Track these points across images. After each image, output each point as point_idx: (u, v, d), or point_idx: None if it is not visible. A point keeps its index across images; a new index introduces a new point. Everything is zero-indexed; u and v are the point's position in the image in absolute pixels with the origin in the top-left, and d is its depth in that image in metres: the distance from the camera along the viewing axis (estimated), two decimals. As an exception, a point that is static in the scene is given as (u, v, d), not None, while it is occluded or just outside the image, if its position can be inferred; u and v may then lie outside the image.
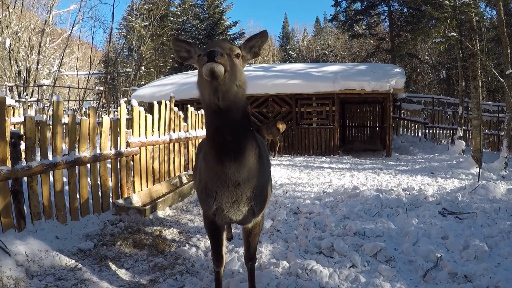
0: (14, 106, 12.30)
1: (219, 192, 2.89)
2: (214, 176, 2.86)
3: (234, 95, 2.59)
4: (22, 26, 26.81)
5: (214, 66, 2.34)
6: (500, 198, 6.89)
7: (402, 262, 4.22)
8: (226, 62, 2.41)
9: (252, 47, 2.90)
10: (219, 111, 2.60)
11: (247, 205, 2.95)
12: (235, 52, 2.66)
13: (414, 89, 32.83)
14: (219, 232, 3.33)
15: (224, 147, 2.70)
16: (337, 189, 8.22)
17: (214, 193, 2.92)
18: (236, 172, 2.76)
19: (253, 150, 2.83)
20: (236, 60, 2.66)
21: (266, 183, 3.13)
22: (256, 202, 2.99)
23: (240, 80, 2.64)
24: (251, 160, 2.81)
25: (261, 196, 3.02)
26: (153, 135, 7.21)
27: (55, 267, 4.02)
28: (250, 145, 2.79)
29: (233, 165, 2.73)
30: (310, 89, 15.60)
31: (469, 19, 12.10)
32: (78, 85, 29.41)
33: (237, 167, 2.75)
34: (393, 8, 27.54)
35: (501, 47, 13.54)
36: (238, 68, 2.64)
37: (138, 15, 34.68)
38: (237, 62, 2.65)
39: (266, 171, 3.15)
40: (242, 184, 2.82)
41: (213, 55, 2.34)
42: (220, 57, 2.35)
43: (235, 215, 3.00)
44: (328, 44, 54.37)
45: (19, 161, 4.41)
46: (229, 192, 2.85)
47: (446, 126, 18.95)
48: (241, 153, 2.73)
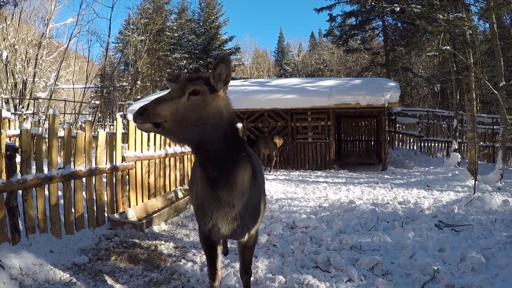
0: (10, 118, 12.29)
1: (215, 213, 2.95)
2: (209, 199, 2.92)
3: (197, 134, 2.60)
4: (19, 39, 26.84)
5: (139, 126, 2.46)
6: (496, 210, 6.90)
7: (399, 275, 4.21)
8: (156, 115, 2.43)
9: (220, 74, 2.75)
10: (192, 150, 2.73)
11: (242, 222, 3.01)
12: (189, 90, 2.61)
13: (409, 103, 32.97)
14: (215, 247, 3.34)
15: (212, 180, 2.78)
16: (333, 203, 8.19)
17: (209, 213, 2.98)
18: (230, 197, 2.84)
19: (246, 173, 2.88)
20: (193, 98, 2.60)
21: (260, 200, 3.19)
22: (251, 219, 3.06)
23: (203, 116, 2.59)
24: (244, 183, 2.86)
25: (255, 212, 3.10)
26: (149, 149, 7.19)
27: (49, 281, 3.99)
28: (241, 170, 2.84)
29: (225, 192, 2.82)
30: (306, 103, 15.63)
31: (463, 33, 12.20)
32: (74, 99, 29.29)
33: (230, 193, 2.83)
34: (388, 22, 27.77)
35: (494, 60, 13.66)
36: (194, 106, 2.58)
37: (135, 29, 34.81)
38: (193, 101, 2.59)
39: (260, 189, 3.20)
40: (237, 205, 2.89)
41: (134, 118, 2.41)
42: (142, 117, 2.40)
43: (230, 232, 3.05)
44: (323, 58, 54.58)
45: (14, 174, 4.39)
46: (224, 212, 2.92)
47: (441, 139, 18.98)
48: (231, 183, 2.80)
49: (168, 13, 39.99)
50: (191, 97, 2.59)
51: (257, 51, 72.15)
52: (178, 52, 37.63)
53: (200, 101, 2.61)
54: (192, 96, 2.60)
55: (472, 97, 12.21)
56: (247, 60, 66.71)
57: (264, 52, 72.69)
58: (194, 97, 2.60)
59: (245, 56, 64.20)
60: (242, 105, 15.96)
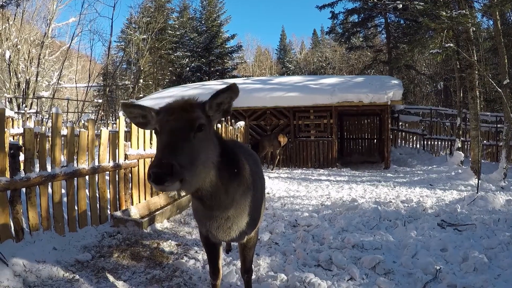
0: (13, 117, 12.29)
1: (210, 224, 2.90)
2: (204, 214, 2.90)
3: (203, 178, 2.42)
4: (22, 38, 26.89)
5: (168, 189, 2.07)
6: (499, 209, 6.89)
7: (401, 274, 4.20)
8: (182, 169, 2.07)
9: (221, 104, 2.52)
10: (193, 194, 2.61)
11: (238, 230, 2.96)
12: (196, 126, 2.32)
13: (412, 101, 32.93)
14: (215, 246, 3.35)
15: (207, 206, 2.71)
16: (336, 202, 8.19)
17: (205, 223, 2.95)
18: (224, 213, 2.80)
19: (239, 189, 2.80)
20: (199, 135, 2.33)
21: (259, 205, 3.15)
22: (248, 225, 3.01)
23: (209, 155, 2.39)
24: (238, 198, 2.80)
25: (252, 218, 3.04)
26: (152, 147, 7.20)
27: (52, 278, 4.00)
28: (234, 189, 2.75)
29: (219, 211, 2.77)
30: (308, 101, 15.64)
31: (466, 30, 12.17)
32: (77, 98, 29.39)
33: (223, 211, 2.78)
34: (390, 20, 27.71)
35: (498, 57, 13.63)
36: (201, 145, 2.32)
37: (137, 28, 34.79)
38: (200, 139, 2.33)
39: (257, 195, 3.12)
40: (232, 217, 2.85)
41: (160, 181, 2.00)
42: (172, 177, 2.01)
43: (227, 238, 3.02)
44: (326, 56, 54.53)
45: (18, 172, 4.41)
46: (218, 224, 2.87)
47: (444, 138, 18.95)
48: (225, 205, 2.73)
49: (170, 11, 40.01)
50: (197, 134, 2.31)
51: (259, 49, 72.19)
52: (180, 51, 37.67)
53: (205, 137, 2.37)
54: (198, 132, 2.31)
55: (475, 95, 12.19)
56: (249, 58, 66.67)
57: (266, 50, 72.76)
58: (199, 133, 2.32)
59: (247, 54, 64.17)
60: (245, 103, 15.98)
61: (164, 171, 1.98)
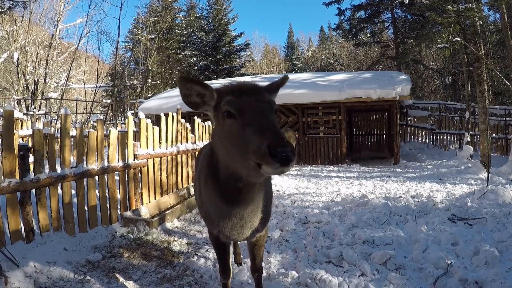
0: (22, 119, 12.41)
1: (222, 223, 2.84)
2: (219, 212, 2.80)
3: None
4: (30, 40, 27.08)
5: (288, 169, 1.93)
6: (509, 202, 6.82)
7: (412, 269, 4.18)
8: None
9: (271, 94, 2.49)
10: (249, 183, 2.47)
11: (251, 228, 2.89)
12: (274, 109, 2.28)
13: (420, 96, 32.82)
14: (225, 246, 3.33)
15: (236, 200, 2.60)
16: (345, 198, 8.18)
17: (217, 222, 2.89)
18: (243, 212, 2.72)
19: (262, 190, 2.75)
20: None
21: (269, 202, 3.10)
22: (260, 223, 2.94)
23: None
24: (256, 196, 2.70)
25: (265, 216, 2.98)
26: (161, 147, 7.22)
27: (63, 279, 4.02)
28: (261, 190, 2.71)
29: (239, 209, 2.69)
30: (316, 98, 15.61)
31: (473, 23, 12.10)
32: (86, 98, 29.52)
33: (244, 209, 2.70)
34: (397, 15, 27.61)
35: (506, 50, 13.58)
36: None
37: (144, 28, 34.93)
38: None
39: (269, 192, 3.09)
40: (247, 215, 2.77)
41: (288, 161, 1.86)
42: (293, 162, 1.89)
43: (239, 237, 2.96)
44: (333, 53, 54.41)
45: (27, 173, 4.43)
46: (232, 223, 2.80)
47: (453, 132, 18.84)
48: (251, 201, 2.65)
49: (177, 11, 40.12)
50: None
51: (266, 46, 72.25)
52: (187, 50, 37.74)
53: None
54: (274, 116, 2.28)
55: (483, 88, 12.12)
56: (257, 56, 66.74)
57: (274, 47, 72.86)
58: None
59: (254, 52, 64.17)
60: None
61: (291, 148, 1.87)
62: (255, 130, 2.00)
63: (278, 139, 1.89)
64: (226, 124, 2.20)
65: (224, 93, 2.30)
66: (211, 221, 3.00)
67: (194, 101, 2.34)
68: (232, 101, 2.18)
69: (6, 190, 4.12)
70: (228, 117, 2.17)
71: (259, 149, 1.90)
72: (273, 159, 1.84)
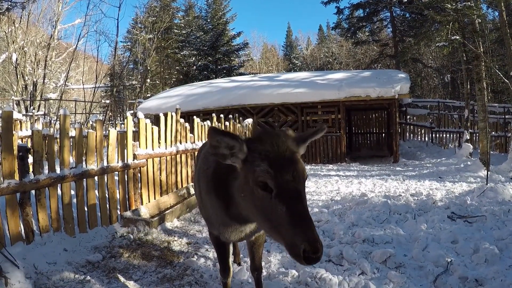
0: (21, 120, 12.36)
1: (223, 229, 2.88)
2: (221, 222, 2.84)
3: None
4: (28, 41, 27.03)
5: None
6: (509, 200, 6.84)
7: (412, 268, 4.19)
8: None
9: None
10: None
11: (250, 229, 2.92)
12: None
13: (419, 94, 32.83)
14: (225, 245, 3.33)
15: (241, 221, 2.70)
16: (345, 197, 8.19)
17: (217, 226, 2.93)
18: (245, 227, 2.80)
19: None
20: None
21: None
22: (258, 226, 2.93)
23: None
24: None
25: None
26: (160, 147, 7.22)
27: (63, 280, 4.02)
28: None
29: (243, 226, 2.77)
30: (316, 97, 15.61)
31: (472, 22, 12.11)
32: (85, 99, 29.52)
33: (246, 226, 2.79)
34: (396, 13, 27.60)
35: (504, 48, 13.55)
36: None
37: (143, 28, 34.83)
38: None
39: None
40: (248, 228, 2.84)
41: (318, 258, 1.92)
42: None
43: (239, 239, 3.01)
44: (332, 51, 54.39)
45: (27, 174, 4.43)
46: (232, 228, 2.84)
47: (452, 130, 18.87)
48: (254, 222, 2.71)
49: (175, 10, 40.02)
50: None
51: (265, 46, 72.14)
52: (186, 49, 37.67)
53: None
54: None
55: (483, 86, 12.13)
56: (256, 55, 66.62)
57: (273, 46, 72.71)
58: None
59: (253, 51, 64.14)
60: (252, 100, 16.03)
61: (322, 251, 1.93)
62: (291, 220, 1.98)
63: (314, 244, 1.90)
64: (258, 193, 2.13)
65: (256, 152, 2.20)
66: (211, 224, 3.03)
67: (222, 153, 2.22)
68: (269, 174, 2.09)
69: (5, 191, 4.11)
70: (263, 189, 2.11)
71: (294, 247, 1.94)
72: (305, 260, 1.90)
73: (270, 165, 2.11)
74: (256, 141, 2.25)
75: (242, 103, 16.22)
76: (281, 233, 2.02)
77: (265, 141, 2.22)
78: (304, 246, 1.89)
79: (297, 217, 1.98)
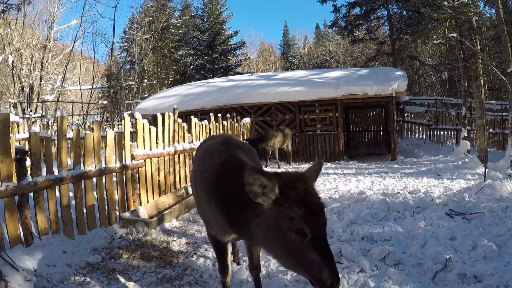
0: (18, 122, 12.38)
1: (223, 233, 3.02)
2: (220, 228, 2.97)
3: None
4: (24, 43, 26.99)
5: None
6: (507, 197, 6.85)
7: (411, 265, 4.20)
8: None
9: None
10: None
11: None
12: None
13: (416, 92, 32.85)
14: (224, 244, 3.35)
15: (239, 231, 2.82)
16: (343, 195, 8.19)
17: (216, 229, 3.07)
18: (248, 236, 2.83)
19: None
20: None
21: None
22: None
23: None
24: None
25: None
26: (158, 147, 7.22)
27: (63, 282, 4.03)
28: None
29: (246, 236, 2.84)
30: (313, 96, 15.59)
31: (469, 19, 12.12)
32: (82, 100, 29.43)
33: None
34: (392, 11, 27.63)
35: (501, 46, 13.57)
36: None
37: (139, 28, 34.84)
38: None
39: None
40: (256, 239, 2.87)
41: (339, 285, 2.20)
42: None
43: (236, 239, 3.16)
44: (329, 50, 54.32)
45: (25, 177, 4.43)
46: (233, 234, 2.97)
47: (450, 127, 18.91)
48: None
49: (172, 10, 39.99)
50: None
51: (262, 45, 72.01)
52: (183, 49, 37.68)
53: None
54: None
55: (480, 84, 12.15)
56: (253, 54, 66.56)
57: (270, 45, 72.56)
58: None
59: (250, 50, 64.08)
60: (249, 99, 16.02)
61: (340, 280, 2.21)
62: (320, 261, 2.18)
63: (338, 278, 2.18)
64: (292, 237, 2.23)
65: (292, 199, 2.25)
66: (209, 226, 3.06)
67: (255, 191, 2.27)
68: (307, 223, 2.20)
69: (3, 194, 4.11)
70: (297, 234, 2.21)
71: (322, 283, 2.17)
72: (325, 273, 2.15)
73: (307, 213, 2.21)
74: (288, 185, 2.29)
75: (239, 102, 16.20)
76: (308, 270, 2.23)
77: (298, 187, 2.29)
78: (330, 281, 2.15)
79: (325, 258, 2.18)
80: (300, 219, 2.19)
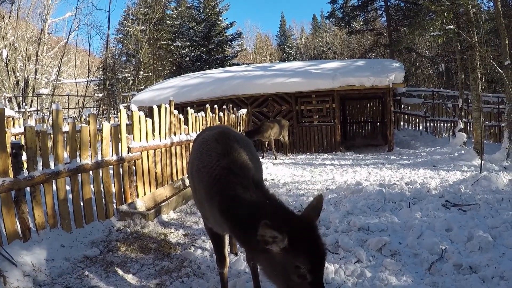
0: (13, 117, 12.30)
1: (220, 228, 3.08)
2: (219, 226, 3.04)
3: None
4: (18, 36, 26.75)
5: None
6: (502, 189, 6.88)
7: (407, 255, 4.23)
8: None
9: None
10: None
11: None
12: None
13: (413, 83, 32.77)
14: (221, 236, 3.36)
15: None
16: (340, 186, 8.22)
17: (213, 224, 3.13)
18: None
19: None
20: None
21: None
22: None
23: None
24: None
25: None
26: (154, 139, 7.22)
27: (62, 276, 4.04)
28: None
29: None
30: (310, 87, 15.55)
31: (466, 11, 12.09)
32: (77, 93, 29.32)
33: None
34: (390, 2, 27.50)
35: (499, 39, 13.53)
36: None
37: (134, 19, 34.59)
38: None
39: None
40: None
41: None
42: None
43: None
44: (326, 41, 54.18)
45: (21, 171, 4.42)
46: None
47: (446, 119, 18.92)
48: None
49: (167, 1, 39.71)
50: None
51: (259, 36, 71.80)
52: (179, 40, 37.48)
53: None
54: None
55: (477, 76, 12.15)
56: (250, 45, 66.44)
57: (266, 36, 72.37)
58: None
59: (247, 41, 63.91)
60: (246, 90, 16.00)
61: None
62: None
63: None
64: (295, 279, 2.35)
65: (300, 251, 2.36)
66: (206, 219, 3.08)
67: (266, 240, 2.35)
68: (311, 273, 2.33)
69: (0, 189, 4.11)
70: (299, 278, 2.34)
71: None
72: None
73: (311, 263, 2.34)
74: (296, 235, 2.37)
75: (236, 94, 16.17)
76: None
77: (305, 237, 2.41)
78: None
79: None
80: (307, 270, 2.32)
